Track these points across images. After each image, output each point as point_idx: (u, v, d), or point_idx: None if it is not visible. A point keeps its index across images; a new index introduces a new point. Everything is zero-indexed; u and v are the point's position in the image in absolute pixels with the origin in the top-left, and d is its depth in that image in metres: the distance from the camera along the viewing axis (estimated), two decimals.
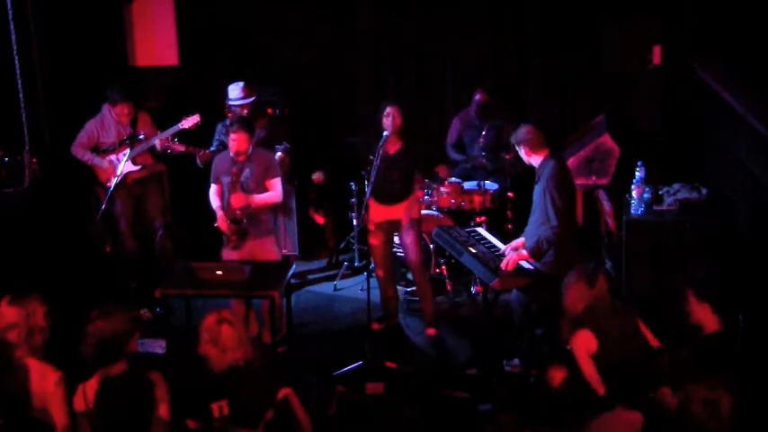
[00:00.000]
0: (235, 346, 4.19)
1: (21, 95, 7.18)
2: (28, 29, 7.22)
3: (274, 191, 6.42)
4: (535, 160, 5.80)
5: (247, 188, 6.32)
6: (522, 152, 5.84)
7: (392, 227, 6.75)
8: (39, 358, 4.13)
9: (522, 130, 5.82)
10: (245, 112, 7.34)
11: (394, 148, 6.48)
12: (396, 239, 7.01)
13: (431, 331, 6.75)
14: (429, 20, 8.61)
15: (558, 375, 4.01)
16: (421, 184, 6.91)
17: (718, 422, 3.51)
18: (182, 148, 7.14)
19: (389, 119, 6.39)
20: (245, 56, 8.67)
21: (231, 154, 6.33)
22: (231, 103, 7.41)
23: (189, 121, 7.04)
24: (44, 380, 4.08)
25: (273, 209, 6.69)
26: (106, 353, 4.08)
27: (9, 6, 7.05)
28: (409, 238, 6.64)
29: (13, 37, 7.10)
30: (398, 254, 7.14)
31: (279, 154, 7.52)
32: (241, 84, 7.36)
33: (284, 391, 4.15)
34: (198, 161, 7.12)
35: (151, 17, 8.69)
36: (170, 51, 8.74)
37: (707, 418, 3.51)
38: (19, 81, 7.17)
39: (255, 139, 7.16)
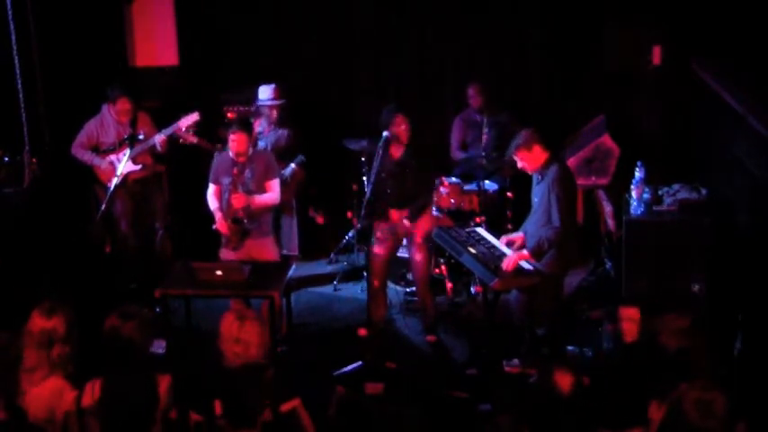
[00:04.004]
0: (258, 342, 4.20)
1: (21, 95, 7.18)
2: (28, 29, 7.22)
3: (273, 192, 6.42)
4: (539, 162, 5.80)
5: (248, 189, 6.33)
6: (525, 160, 5.83)
7: (401, 237, 6.68)
8: (61, 374, 4.14)
9: (522, 137, 5.83)
10: (275, 114, 7.44)
11: (399, 152, 6.46)
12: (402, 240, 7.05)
13: (430, 338, 6.76)
14: (429, 20, 8.61)
15: (565, 381, 3.88)
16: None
17: (712, 422, 3.48)
18: (194, 140, 7.12)
19: (401, 128, 6.33)
20: (245, 56, 8.67)
21: (231, 155, 6.33)
22: (261, 103, 7.50)
23: (188, 120, 7.04)
24: (61, 397, 4.09)
25: (275, 209, 6.70)
26: (125, 355, 4.10)
27: (9, 6, 7.05)
28: (420, 256, 6.57)
29: (13, 37, 7.10)
30: (401, 255, 7.17)
31: (293, 166, 7.55)
32: (273, 85, 7.46)
33: (293, 402, 4.17)
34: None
35: (151, 17, 8.68)
36: (170, 51, 8.74)
37: (699, 418, 3.49)
38: (19, 81, 7.17)
39: (275, 145, 7.23)
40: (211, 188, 6.48)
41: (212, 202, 6.47)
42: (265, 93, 7.53)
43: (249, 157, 6.32)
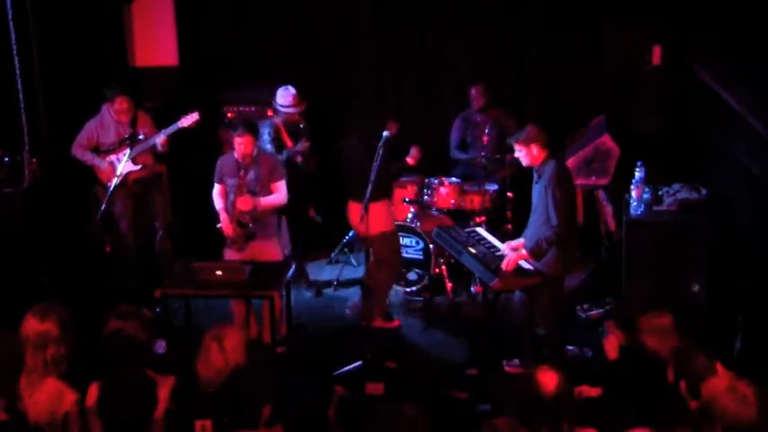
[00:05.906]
0: (201, 377, 4.17)
1: (21, 95, 7.17)
2: (28, 29, 7.21)
3: (279, 193, 6.41)
4: (536, 160, 5.80)
5: (253, 191, 6.32)
6: (522, 152, 5.83)
7: None
8: (57, 376, 4.14)
9: (525, 131, 5.83)
10: (293, 119, 7.42)
11: None
12: (402, 240, 7.25)
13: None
14: (429, 20, 8.61)
15: (550, 379, 3.74)
16: None
17: (750, 408, 3.47)
18: (162, 139, 7.07)
19: None
20: (245, 56, 8.67)
21: (237, 156, 6.31)
22: (281, 109, 7.42)
23: (188, 120, 7.03)
24: (61, 400, 4.09)
25: (278, 210, 6.69)
26: (133, 354, 4.10)
27: (9, 6, 7.05)
28: None
29: (13, 37, 7.09)
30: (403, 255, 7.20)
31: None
32: (292, 91, 7.35)
33: (276, 430, 4.17)
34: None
35: (151, 17, 8.68)
36: (170, 51, 8.73)
37: (737, 406, 3.47)
38: (19, 81, 7.16)
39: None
40: (217, 188, 6.48)
41: (218, 202, 6.47)
42: (285, 98, 7.41)
43: (254, 159, 6.32)
